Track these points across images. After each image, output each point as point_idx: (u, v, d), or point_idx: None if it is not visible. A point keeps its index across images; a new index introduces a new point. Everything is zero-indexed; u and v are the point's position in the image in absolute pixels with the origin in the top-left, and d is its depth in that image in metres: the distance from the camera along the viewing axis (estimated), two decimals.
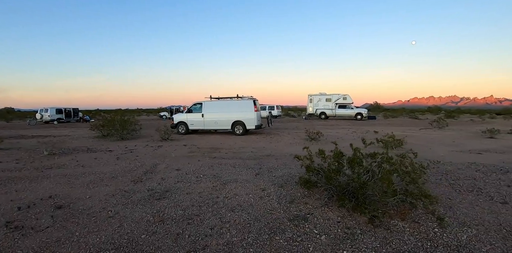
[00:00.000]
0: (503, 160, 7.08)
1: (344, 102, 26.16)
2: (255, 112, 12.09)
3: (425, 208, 2.91)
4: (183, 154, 7.54)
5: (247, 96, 12.81)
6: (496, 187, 4.61)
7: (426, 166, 4.56)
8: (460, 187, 4.51)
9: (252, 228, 2.83)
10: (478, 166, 6.14)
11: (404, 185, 3.04)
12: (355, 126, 18.02)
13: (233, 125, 12.30)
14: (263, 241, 2.58)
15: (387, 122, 24.35)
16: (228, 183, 4.47)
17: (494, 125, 20.31)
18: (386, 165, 3.00)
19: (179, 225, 3.01)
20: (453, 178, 5.08)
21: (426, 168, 4.47)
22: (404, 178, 2.90)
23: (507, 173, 5.56)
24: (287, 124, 19.11)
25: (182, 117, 12.99)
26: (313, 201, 3.36)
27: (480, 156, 7.73)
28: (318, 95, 27.19)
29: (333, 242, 2.50)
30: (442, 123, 17.39)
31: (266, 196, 3.69)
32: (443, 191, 4.28)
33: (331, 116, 26.76)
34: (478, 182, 4.84)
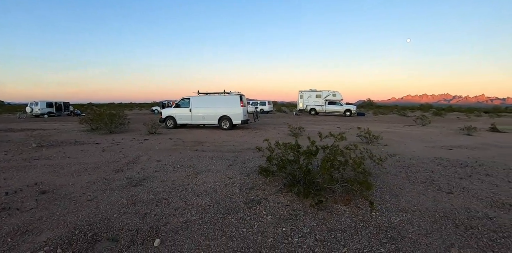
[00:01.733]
0: (470, 155, 7.61)
1: (334, 98, 26.69)
2: (241, 108, 12.48)
3: (360, 193, 3.34)
4: (167, 147, 7.93)
5: (234, 92, 13.17)
6: (448, 179, 5.10)
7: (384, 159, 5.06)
8: (415, 179, 4.99)
9: (211, 210, 3.26)
10: (442, 161, 6.64)
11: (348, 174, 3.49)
12: (341, 122, 18.55)
13: (219, 120, 12.70)
14: (217, 220, 3.01)
15: (375, 119, 24.96)
16: (201, 172, 4.89)
17: (478, 123, 21.05)
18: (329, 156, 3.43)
19: (148, 207, 3.42)
20: (413, 171, 5.56)
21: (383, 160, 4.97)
22: (340, 167, 3.33)
23: (465, 167, 6.08)
24: (276, 120, 19.56)
25: (170, 111, 13.32)
26: (271, 188, 3.80)
27: (450, 151, 8.27)
28: (309, 91, 27.65)
29: (276, 221, 2.94)
30: (425, 120, 18.01)
31: (231, 183, 4.12)
32: (398, 182, 4.76)
33: (321, 112, 27.29)
34: (434, 175, 5.33)
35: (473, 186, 4.67)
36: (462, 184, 4.70)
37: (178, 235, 2.73)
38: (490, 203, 3.91)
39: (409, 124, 18.43)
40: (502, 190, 4.52)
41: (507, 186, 4.81)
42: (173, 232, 2.79)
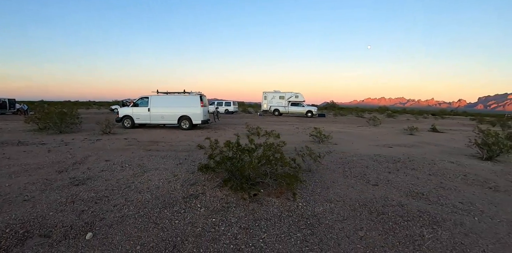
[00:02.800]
0: (405, 152, 8.48)
1: (296, 100, 27.67)
2: (202, 108, 12.54)
3: (286, 187, 3.68)
4: (119, 147, 7.78)
5: (195, 92, 13.19)
6: (378, 173, 5.71)
7: (322, 156, 5.53)
8: (350, 174, 5.51)
9: (149, 205, 3.40)
10: (379, 157, 7.35)
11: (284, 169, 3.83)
12: (301, 123, 19.34)
13: (179, 120, 12.63)
14: (153, 214, 3.17)
15: (334, 119, 26.35)
16: (149, 171, 4.96)
17: (423, 124, 23.17)
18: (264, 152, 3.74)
19: (87, 204, 3.46)
20: (350, 167, 6.11)
21: (321, 157, 5.43)
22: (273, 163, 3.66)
23: (396, 163, 6.80)
24: (239, 120, 19.82)
25: (127, 111, 12.95)
26: (211, 183, 4.03)
27: (390, 149, 9.13)
28: (273, 92, 28.36)
29: (208, 213, 3.17)
30: (377, 121, 19.47)
31: (175, 180, 4.27)
32: (334, 176, 5.23)
33: (284, 113, 28.12)
34: (368, 170, 5.92)
35: (397, 179, 5.30)
36: (388, 177, 5.32)
37: (112, 229, 2.84)
38: (407, 193, 4.51)
39: (362, 124, 19.79)
40: (421, 182, 5.21)
41: (427, 178, 5.53)
42: (107, 226, 2.89)
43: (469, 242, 3.02)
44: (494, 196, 4.69)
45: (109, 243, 2.60)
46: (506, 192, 4.97)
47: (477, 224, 3.51)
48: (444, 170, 6.26)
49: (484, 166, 6.95)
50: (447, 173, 6.02)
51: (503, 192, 4.96)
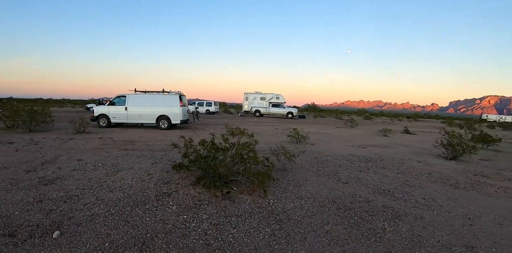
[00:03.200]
0: (377, 152, 8.85)
1: (277, 101, 27.99)
2: (181, 107, 12.43)
3: (258, 184, 3.78)
4: (93, 147, 7.58)
5: (174, 91, 13.05)
6: (350, 172, 5.94)
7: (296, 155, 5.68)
8: (323, 172, 5.71)
9: (120, 203, 3.38)
10: (353, 157, 7.63)
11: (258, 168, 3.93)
12: (281, 124, 19.60)
13: (158, 120, 12.45)
14: (124, 212, 3.16)
15: (314, 121, 26.91)
16: (123, 170, 4.89)
17: (397, 126, 24.15)
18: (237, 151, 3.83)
19: (55, 204, 3.39)
20: (324, 166, 6.31)
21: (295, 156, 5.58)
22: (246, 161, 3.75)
23: (368, 162, 7.10)
24: (219, 120, 19.78)
25: (103, 109, 12.59)
26: (185, 182, 4.06)
27: (364, 149, 9.49)
28: (254, 93, 28.53)
29: (180, 210, 3.22)
30: (354, 123, 20.12)
31: (148, 179, 4.26)
32: (307, 175, 5.40)
33: (265, 114, 28.35)
34: (340, 169, 6.14)
35: (367, 177, 5.56)
36: (359, 176, 5.56)
37: (80, 227, 2.82)
38: (374, 190, 4.75)
39: (340, 126, 20.37)
40: (389, 180, 5.49)
41: (394, 176, 5.84)
42: (76, 225, 2.86)
43: (426, 234, 3.26)
44: (453, 192, 5.05)
45: (77, 241, 2.58)
46: (465, 188, 5.36)
47: (435, 217, 3.78)
48: (411, 169, 6.63)
49: (448, 165, 7.42)
50: (413, 171, 6.39)
51: (462, 188, 5.35)
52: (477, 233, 3.38)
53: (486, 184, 5.72)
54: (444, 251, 2.89)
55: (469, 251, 2.95)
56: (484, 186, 5.57)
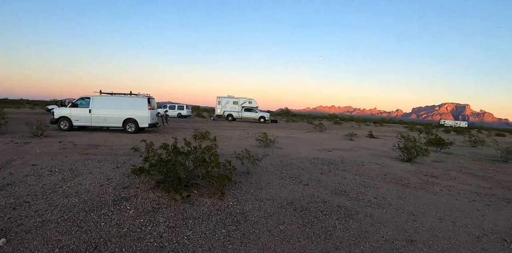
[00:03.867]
0: (341, 156, 9.27)
1: (250, 105, 28.23)
2: (149, 111, 12.18)
3: (216, 187, 3.87)
4: (52, 151, 7.21)
5: (143, 94, 12.77)
6: (312, 174, 6.21)
7: (260, 159, 5.84)
8: (286, 175, 5.91)
9: (75, 209, 3.31)
10: (317, 160, 7.95)
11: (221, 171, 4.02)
12: (253, 128, 19.80)
13: (124, 123, 12.07)
14: (78, 217, 3.10)
15: (285, 125, 27.45)
16: (81, 175, 4.74)
17: (364, 131, 25.34)
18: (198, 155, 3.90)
19: (3, 211, 3.23)
20: (288, 169, 6.52)
21: (259, 160, 5.73)
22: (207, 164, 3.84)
23: (330, 165, 7.45)
24: (190, 124, 19.55)
25: (64, 111, 11.96)
26: (145, 186, 4.04)
27: (329, 153, 9.89)
28: (227, 97, 28.56)
29: (137, 214, 3.22)
30: (322, 127, 20.85)
31: (107, 184, 4.18)
32: (270, 178, 5.56)
33: (238, 118, 28.44)
34: (303, 171, 6.39)
35: (327, 179, 5.85)
36: (319, 178, 5.84)
37: (29, 234, 2.73)
38: (332, 191, 5.02)
39: (310, 130, 21.00)
40: (347, 181, 5.82)
41: (353, 178, 6.19)
42: (25, 232, 2.76)
43: (373, 230, 3.53)
44: (404, 191, 5.47)
45: (24, 248, 2.50)
46: (414, 188, 5.82)
47: (383, 215, 4.10)
48: (369, 170, 7.07)
49: (403, 167, 7.99)
50: (371, 173, 6.81)
51: (412, 188, 5.81)
52: (418, 228, 3.73)
53: (434, 184, 6.25)
54: (387, 245, 3.16)
55: (409, 244, 3.25)
56: (432, 186, 6.09)
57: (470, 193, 5.69)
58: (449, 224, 3.95)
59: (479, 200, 5.27)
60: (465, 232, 3.73)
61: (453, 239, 3.46)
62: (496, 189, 6.25)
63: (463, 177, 7.20)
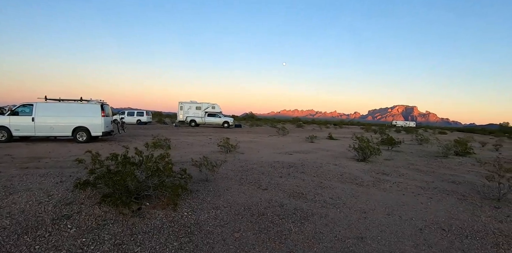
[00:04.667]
0: (301, 158, 9.50)
1: (213, 111, 27.94)
2: (103, 118, 11.44)
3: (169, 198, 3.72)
4: None
5: (95, 100, 11.97)
6: (271, 178, 6.25)
7: (219, 165, 5.75)
8: (246, 181, 5.87)
9: (5, 232, 2.94)
10: (278, 164, 8.04)
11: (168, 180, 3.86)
12: (216, 134, 19.58)
13: (74, 132, 11.17)
14: (8, 242, 2.76)
15: (249, 130, 27.60)
16: (17, 193, 4.24)
17: (324, 133, 26.38)
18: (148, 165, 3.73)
19: None
20: (248, 174, 6.49)
21: (217, 166, 5.64)
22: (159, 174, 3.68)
23: (290, 168, 7.58)
24: (150, 131, 18.74)
25: (2, 120, 10.71)
26: (91, 201, 3.74)
27: (290, 156, 10.10)
28: (189, 103, 27.97)
29: (79, 233, 2.96)
30: (285, 131, 21.32)
31: (47, 201, 3.79)
32: (230, 184, 5.48)
33: (201, 124, 27.97)
34: (263, 176, 6.41)
35: (286, 182, 5.94)
36: (279, 182, 5.91)
37: None
38: (290, 194, 5.11)
39: (273, 134, 21.35)
40: (305, 183, 5.97)
41: (311, 179, 6.37)
42: None
43: (327, 230, 3.65)
44: (357, 190, 5.76)
45: None
46: (367, 186, 6.16)
47: (337, 214, 4.26)
48: (327, 171, 7.33)
49: (358, 166, 8.44)
50: (328, 174, 7.07)
51: (365, 186, 6.14)
52: (368, 225, 3.93)
53: (384, 181, 6.68)
54: (339, 244, 3.28)
55: (359, 241, 3.41)
56: (383, 183, 6.49)
57: (415, 188, 6.17)
58: (396, 219, 4.22)
59: (423, 193, 5.73)
60: (410, 225, 4.01)
61: (399, 233, 3.71)
62: (437, 182, 6.87)
63: (410, 173, 7.80)
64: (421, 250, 3.24)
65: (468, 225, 4.08)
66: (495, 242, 3.55)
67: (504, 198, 5.34)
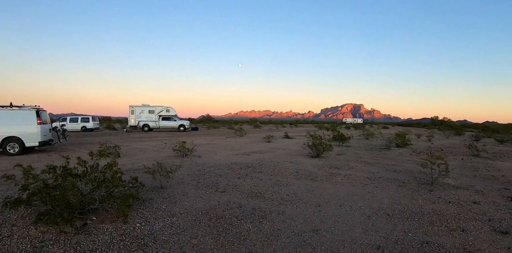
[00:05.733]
0: (258, 158, 9.60)
1: (168, 114, 26.88)
2: (39, 126, 10.22)
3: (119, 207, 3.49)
4: None
5: (29, 106, 10.67)
6: (229, 179, 6.19)
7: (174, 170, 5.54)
8: (203, 185, 5.73)
9: None
10: (235, 165, 8.01)
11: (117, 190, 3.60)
12: (172, 138, 18.87)
13: (3, 143, 9.80)
14: None
15: (206, 132, 27.14)
16: None
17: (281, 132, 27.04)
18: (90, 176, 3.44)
19: None
20: (205, 177, 6.35)
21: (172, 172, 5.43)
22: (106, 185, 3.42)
23: (248, 168, 7.60)
24: (97, 138, 17.31)
25: None
26: (25, 221, 3.33)
27: (247, 156, 10.13)
28: (141, 106, 26.54)
29: None
30: (242, 132, 21.41)
31: None
32: (186, 189, 5.29)
33: (155, 128, 26.73)
34: (221, 178, 6.32)
35: (244, 183, 5.96)
36: (236, 183, 5.90)
37: None
38: (248, 194, 5.13)
39: (230, 136, 21.28)
40: (263, 183, 6.04)
41: (268, 178, 6.47)
42: None
43: (284, 226, 3.73)
44: (312, 185, 6.01)
45: None
46: (321, 180, 6.46)
47: (294, 210, 4.40)
48: (284, 169, 7.52)
49: (313, 162, 8.81)
50: (285, 172, 7.27)
51: (319, 181, 6.43)
52: (323, 217, 4.12)
53: (336, 174, 7.08)
54: (296, 239, 3.38)
55: (315, 234, 3.55)
56: (335, 176, 6.87)
57: (363, 179, 6.65)
58: (348, 209, 4.50)
59: (370, 183, 6.21)
60: (360, 213, 4.31)
61: (350, 222, 3.96)
62: (382, 172, 7.51)
63: (359, 166, 8.40)
64: (370, 235, 3.49)
65: (408, 208, 4.53)
66: (430, 221, 4.00)
67: (436, 182, 6.03)
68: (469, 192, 5.59)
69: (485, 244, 3.31)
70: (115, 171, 3.63)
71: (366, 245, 3.24)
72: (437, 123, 57.09)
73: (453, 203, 4.83)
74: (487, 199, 5.11)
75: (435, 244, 3.26)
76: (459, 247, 3.21)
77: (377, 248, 3.15)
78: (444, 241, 3.36)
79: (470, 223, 3.93)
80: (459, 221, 4.02)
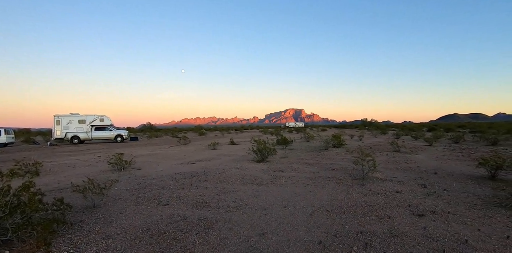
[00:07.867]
0: (204, 166, 9.33)
1: (102, 124, 24.53)
2: None
3: (40, 235, 3.05)
4: None
5: None
6: (172, 191, 5.85)
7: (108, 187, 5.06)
8: (143, 199, 5.33)
9: None
10: (179, 175, 7.66)
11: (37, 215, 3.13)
12: (108, 150, 17.28)
13: None
14: None
15: (147, 142, 25.49)
16: None
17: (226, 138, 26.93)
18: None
19: None
20: (146, 191, 5.91)
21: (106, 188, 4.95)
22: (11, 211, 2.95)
23: (192, 178, 7.34)
24: (12, 155, 14.82)
25: None
26: None
27: (192, 165, 9.78)
28: (69, 116, 23.68)
29: None
30: (186, 140, 20.74)
31: None
32: (123, 206, 4.83)
33: (87, 140, 24.12)
34: (163, 190, 5.96)
35: (189, 193, 5.74)
36: (180, 194, 5.65)
37: None
38: (193, 205, 4.95)
39: (174, 144, 20.42)
40: (208, 191, 5.90)
41: (214, 187, 6.35)
42: None
43: (231, 234, 3.69)
44: (258, 189, 6.09)
45: None
46: (266, 184, 6.60)
47: (241, 216, 4.39)
48: (229, 176, 7.49)
49: (258, 167, 8.97)
50: (231, 178, 7.24)
51: (265, 185, 6.56)
52: (268, 220, 4.20)
53: (281, 177, 7.33)
54: (243, 245, 3.37)
55: (261, 237, 3.59)
56: (279, 179, 7.10)
57: (305, 179, 7.02)
58: (291, 209, 4.68)
59: (311, 183, 6.57)
60: (302, 212, 4.51)
61: (294, 221, 4.12)
62: (321, 171, 8.03)
63: (301, 167, 8.84)
64: (312, 232, 3.69)
65: (344, 203, 4.92)
66: (363, 212, 4.41)
67: (367, 177, 6.71)
68: (393, 183, 6.34)
69: (407, 227, 3.79)
70: (33, 193, 3.14)
71: (309, 242, 3.40)
72: (366, 124, 63.84)
73: (381, 194, 5.42)
74: (407, 188, 5.87)
75: (368, 233, 3.60)
76: (387, 232, 3.61)
77: (319, 243, 3.34)
78: (375, 228, 3.74)
79: (394, 210, 4.46)
80: (386, 209, 4.53)
